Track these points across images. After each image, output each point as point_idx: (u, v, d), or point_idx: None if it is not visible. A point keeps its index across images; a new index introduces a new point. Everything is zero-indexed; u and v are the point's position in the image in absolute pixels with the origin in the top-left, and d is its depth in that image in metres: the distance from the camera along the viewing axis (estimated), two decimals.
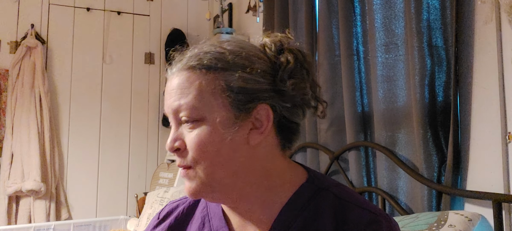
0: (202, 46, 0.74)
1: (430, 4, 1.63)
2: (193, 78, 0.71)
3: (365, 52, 1.94)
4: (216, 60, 0.71)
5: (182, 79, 0.72)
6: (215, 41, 0.75)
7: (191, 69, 0.71)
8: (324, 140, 2.12)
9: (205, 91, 0.70)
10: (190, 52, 0.74)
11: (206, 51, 0.72)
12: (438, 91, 1.62)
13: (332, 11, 2.09)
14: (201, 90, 0.70)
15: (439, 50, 1.62)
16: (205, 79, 0.70)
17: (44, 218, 3.10)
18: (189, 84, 0.71)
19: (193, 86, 0.71)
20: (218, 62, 0.71)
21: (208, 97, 0.70)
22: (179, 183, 2.96)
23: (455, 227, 1.32)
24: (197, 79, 0.71)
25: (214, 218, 0.79)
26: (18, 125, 3.14)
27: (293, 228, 0.71)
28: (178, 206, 0.86)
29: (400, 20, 1.76)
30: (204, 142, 0.70)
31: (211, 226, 0.78)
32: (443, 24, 1.62)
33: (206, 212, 0.80)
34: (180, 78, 0.72)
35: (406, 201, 1.72)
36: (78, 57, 3.46)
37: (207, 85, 0.70)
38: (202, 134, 0.70)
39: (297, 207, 0.73)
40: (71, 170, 3.38)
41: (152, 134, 3.65)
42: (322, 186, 0.75)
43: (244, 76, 0.70)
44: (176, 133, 0.72)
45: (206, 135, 0.70)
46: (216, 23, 3.34)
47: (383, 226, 0.68)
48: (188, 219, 0.82)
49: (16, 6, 3.31)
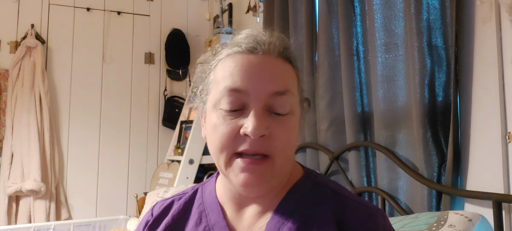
0: (281, 36, 0.74)
1: (430, 4, 1.63)
2: (290, 70, 0.72)
3: (365, 52, 1.94)
4: (297, 60, 0.74)
5: (283, 67, 0.71)
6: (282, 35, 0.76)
7: (287, 60, 0.72)
8: (324, 140, 2.12)
9: (296, 85, 0.73)
10: (276, 38, 0.72)
11: (290, 45, 0.74)
12: (438, 91, 1.62)
13: (332, 11, 2.09)
14: (295, 84, 0.73)
15: (439, 50, 1.62)
16: (295, 74, 0.73)
17: (44, 218, 3.10)
18: (289, 74, 0.72)
19: (291, 77, 0.72)
20: (298, 62, 0.75)
21: (297, 92, 0.73)
22: (179, 183, 2.96)
23: (455, 227, 1.32)
24: (292, 72, 0.73)
25: (211, 212, 0.78)
26: (18, 125, 3.14)
27: (294, 217, 0.72)
28: (173, 202, 0.83)
29: (400, 20, 1.76)
30: (293, 132, 0.71)
31: (208, 222, 0.77)
32: (443, 24, 1.62)
33: (202, 208, 0.79)
34: (280, 65, 0.71)
35: (406, 201, 1.72)
36: (78, 57, 3.46)
37: (296, 81, 0.73)
38: (292, 124, 0.70)
39: (297, 198, 0.74)
40: (71, 170, 3.38)
41: (152, 134, 3.66)
42: (318, 181, 0.77)
43: (302, 78, 0.76)
44: (264, 117, 0.67)
45: (294, 126, 0.71)
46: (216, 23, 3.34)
47: (379, 220, 0.71)
48: (186, 216, 0.80)
49: (16, 6, 3.31)
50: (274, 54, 0.70)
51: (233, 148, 0.68)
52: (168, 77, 3.71)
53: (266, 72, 0.68)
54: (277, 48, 0.71)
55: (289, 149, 0.71)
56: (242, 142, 0.67)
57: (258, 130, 0.65)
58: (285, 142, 0.69)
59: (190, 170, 3.02)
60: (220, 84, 0.70)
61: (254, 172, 0.67)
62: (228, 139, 0.68)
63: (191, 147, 3.03)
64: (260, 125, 0.66)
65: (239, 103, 0.68)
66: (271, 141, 0.67)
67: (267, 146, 0.67)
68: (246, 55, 0.69)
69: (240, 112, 0.68)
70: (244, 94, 0.67)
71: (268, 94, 0.67)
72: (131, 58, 3.64)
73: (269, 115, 0.68)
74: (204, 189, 0.83)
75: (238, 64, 0.69)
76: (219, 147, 0.69)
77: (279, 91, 0.68)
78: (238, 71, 0.68)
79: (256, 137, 0.66)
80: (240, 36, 0.72)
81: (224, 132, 0.68)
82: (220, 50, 0.74)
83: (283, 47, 0.71)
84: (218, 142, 0.69)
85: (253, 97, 0.67)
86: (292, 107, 0.70)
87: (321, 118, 2.12)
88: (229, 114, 0.68)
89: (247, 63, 0.68)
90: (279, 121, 0.68)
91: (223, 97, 0.68)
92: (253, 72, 0.68)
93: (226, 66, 0.70)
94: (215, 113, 0.70)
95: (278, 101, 0.68)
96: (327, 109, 2.08)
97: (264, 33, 0.72)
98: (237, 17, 3.28)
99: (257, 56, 0.69)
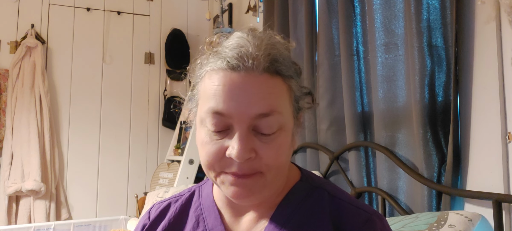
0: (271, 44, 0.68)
1: (430, 4, 1.63)
2: (278, 85, 0.67)
3: (365, 52, 1.94)
4: (288, 67, 0.69)
5: (268, 85, 0.66)
6: (278, 38, 0.71)
7: (275, 73, 0.67)
8: (324, 140, 2.12)
9: (287, 99, 0.69)
10: (263, 51, 0.66)
11: (280, 54, 0.68)
12: (438, 91, 1.62)
13: (332, 11, 2.09)
14: (285, 98, 0.68)
15: (439, 50, 1.62)
16: (285, 87, 0.69)
17: (44, 218, 3.10)
18: (277, 90, 0.67)
19: (280, 93, 0.67)
20: (289, 69, 0.69)
21: (287, 106, 0.69)
22: (179, 183, 2.96)
23: (455, 227, 1.32)
24: (282, 86, 0.68)
25: (209, 216, 0.77)
26: (18, 125, 3.14)
27: (291, 223, 0.72)
28: (169, 205, 0.82)
29: (400, 20, 1.76)
30: (283, 148, 0.68)
31: (206, 225, 0.76)
32: (443, 24, 1.62)
33: (200, 211, 0.79)
34: (264, 82, 0.66)
35: (406, 201, 1.72)
36: (78, 57, 3.46)
37: (287, 94, 0.69)
38: (281, 141, 0.68)
39: (294, 203, 0.74)
40: (71, 170, 3.38)
41: (152, 134, 3.66)
42: (315, 184, 0.77)
43: (299, 85, 0.72)
44: (249, 140, 0.65)
45: (284, 142, 0.68)
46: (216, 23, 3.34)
47: (377, 224, 0.71)
48: (183, 219, 0.79)
49: (16, 6, 3.31)
50: (259, 71, 0.65)
51: (221, 167, 0.68)
52: (168, 77, 3.71)
53: (248, 93, 0.65)
54: (262, 64, 0.65)
55: (280, 164, 0.69)
56: (229, 164, 0.66)
57: (242, 154, 0.64)
58: (274, 159, 0.67)
59: (190, 170, 3.02)
60: (205, 103, 0.68)
61: (244, 186, 0.67)
62: (214, 159, 0.67)
63: (191, 147, 3.03)
64: (245, 149, 0.64)
65: (223, 124, 0.66)
66: (260, 160, 0.66)
67: (256, 166, 0.66)
68: (229, 73, 0.66)
69: (226, 133, 0.67)
70: (228, 117, 0.66)
71: (251, 117, 0.65)
72: (131, 58, 3.64)
73: (255, 135, 0.66)
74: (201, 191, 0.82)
75: (221, 83, 0.66)
76: (207, 165, 0.69)
77: (263, 113, 0.65)
78: (221, 92, 0.66)
79: (241, 161, 0.65)
80: (229, 43, 0.68)
81: (211, 151, 0.67)
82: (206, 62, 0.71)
83: (269, 61, 0.66)
84: (205, 160, 0.69)
85: (237, 119, 0.65)
86: (280, 125, 0.67)
87: (321, 118, 2.12)
88: (215, 134, 0.67)
89: (230, 84, 0.65)
90: (266, 141, 0.66)
91: (208, 117, 0.67)
92: (235, 93, 0.65)
93: (211, 83, 0.68)
94: (202, 129, 0.69)
95: (263, 123, 0.65)
96: (327, 109, 2.08)
97: (253, 42, 0.67)
98: (237, 17, 3.28)
99: (240, 75, 0.65)
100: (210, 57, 0.70)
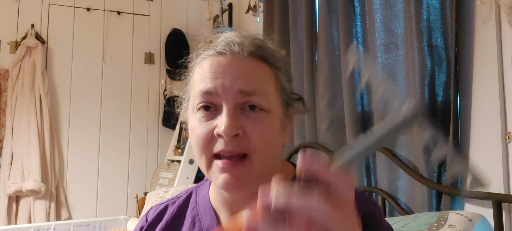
0: (258, 37, 0.73)
1: (430, 4, 1.63)
2: (263, 69, 0.71)
3: (365, 52, 1.94)
4: (276, 59, 0.73)
5: (253, 66, 0.70)
6: (265, 37, 0.76)
7: (260, 59, 0.71)
8: (324, 140, 2.12)
9: (273, 85, 0.72)
10: (249, 39, 0.72)
11: (267, 45, 0.72)
12: (438, 91, 1.62)
13: (332, 11, 2.09)
14: (270, 83, 0.71)
15: (439, 50, 1.62)
16: (271, 73, 0.72)
17: (44, 218, 3.10)
18: (261, 73, 0.70)
19: (265, 76, 0.71)
20: (278, 61, 0.73)
21: (273, 92, 0.72)
22: (179, 183, 2.96)
23: (455, 227, 1.32)
24: (267, 71, 0.71)
25: (204, 217, 0.78)
26: (18, 125, 3.14)
27: None
28: (167, 207, 0.83)
29: (400, 20, 1.76)
30: (270, 131, 0.70)
31: (201, 226, 0.77)
32: (443, 24, 1.62)
33: (196, 212, 0.79)
34: (249, 64, 0.70)
35: (406, 201, 1.72)
36: (78, 57, 3.46)
37: (273, 80, 0.72)
38: (269, 123, 0.69)
39: None
40: (71, 170, 3.38)
41: (152, 134, 3.66)
42: None
43: (288, 79, 0.75)
44: (237, 116, 0.67)
45: (272, 125, 0.70)
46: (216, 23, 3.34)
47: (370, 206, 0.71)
48: (180, 220, 0.80)
49: (16, 6, 3.32)
50: (244, 54, 0.70)
51: (211, 149, 0.68)
52: (168, 77, 3.71)
53: (234, 71, 0.69)
54: (247, 48, 0.70)
55: (268, 148, 0.70)
56: (218, 144, 0.68)
57: (229, 129, 0.66)
58: (261, 140, 0.68)
59: (190, 170, 3.02)
60: (195, 88, 0.71)
61: (232, 173, 0.68)
62: (204, 141, 0.68)
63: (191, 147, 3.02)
64: (232, 124, 0.66)
65: (212, 104, 0.69)
66: (247, 139, 0.67)
67: (243, 145, 0.67)
68: (216, 57, 0.70)
69: (215, 113, 0.69)
70: (215, 95, 0.68)
71: (235, 92, 0.67)
72: (131, 58, 3.64)
73: (243, 114, 0.68)
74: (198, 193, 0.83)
75: (208, 66, 0.70)
76: (198, 150, 0.70)
77: (247, 90, 0.68)
78: (208, 74, 0.69)
79: (228, 137, 0.66)
80: (219, 39, 0.73)
81: (201, 133, 0.69)
82: (195, 58, 0.75)
83: (255, 46, 0.71)
84: (196, 145, 0.70)
85: (223, 97, 0.68)
86: (266, 107, 0.69)
87: (321, 117, 2.12)
88: (204, 116, 0.69)
89: (216, 65, 0.70)
90: (252, 119, 0.68)
91: (198, 100, 0.70)
92: (221, 72, 0.69)
93: (200, 71, 0.71)
94: (194, 117, 0.71)
95: (248, 101, 0.68)
96: (327, 109, 2.08)
97: (239, 35, 0.72)
98: (237, 17, 3.28)
99: (226, 57, 0.70)
100: (201, 51, 0.74)
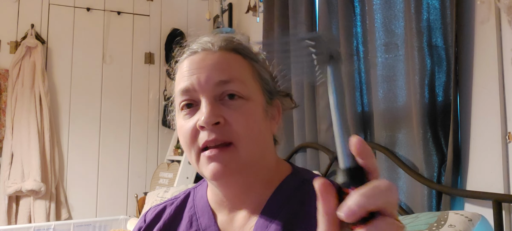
0: (230, 35, 0.76)
1: (430, 4, 1.63)
2: (237, 59, 0.73)
3: (365, 52, 1.94)
4: (249, 52, 0.75)
5: (225, 57, 0.72)
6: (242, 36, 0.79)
7: (232, 51, 0.74)
8: (324, 140, 2.12)
9: (249, 73, 0.74)
10: (222, 37, 0.75)
11: (240, 42, 0.75)
12: (438, 91, 1.62)
13: (332, 11, 2.09)
14: (246, 72, 0.73)
15: (439, 50, 1.62)
16: (246, 63, 0.74)
17: (44, 218, 3.10)
18: (235, 63, 0.73)
19: (239, 65, 0.73)
20: (251, 53, 0.76)
21: (251, 80, 0.73)
22: (179, 183, 2.96)
23: (455, 227, 1.32)
24: (241, 61, 0.74)
25: (202, 216, 0.78)
26: (18, 125, 3.14)
27: (280, 216, 0.72)
28: (165, 208, 0.84)
29: (400, 20, 1.76)
30: (252, 118, 0.70)
31: (199, 225, 0.77)
32: (443, 24, 1.62)
33: (193, 211, 0.80)
34: (221, 56, 0.72)
35: (406, 201, 1.72)
36: (78, 57, 3.46)
37: (249, 69, 0.74)
38: (249, 110, 0.70)
39: (283, 196, 0.74)
40: (71, 170, 3.38)
41: (152, 134, 3.66)
42: (306, 177, 0.77)
43: (267, 71, 0.77)
44: (215, 106, 0.69)
45: (253, 112, 0.71)
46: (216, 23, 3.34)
47: None
48: (177, 220, 0.81)
49: (16, 6, 3.31)
50: (215, 48, 0.73)
51: (197, 143, 0.70)
52: (168, 77, 3.71)
53: (207, 65, 0.71)
54: (217, 43, 0.73)
55: (252, 134, 0.70)
56: (203, 137, 0.69)
57: (209, 118, 0.67)
58: (243, 126, 0.69)
59: (190, 170, 3.02)
60: (176, 89, 0.74)
61: (219, 160, 0.68)
62: (189, 136, 0.70)
63: None
64: (211, 113, 0.68)
65: (193, 101, 0.71)
66: (229, 127, 0.68)
67: (226, 133, 0.68)
68: (191, 56, 0.74)
69: (197, 109, 0.71)
70: (193, 91, 0.71)
71: (212, 84, 0.70)
72: (131, 58, 3.64)
73: (222, 104, 0.70)
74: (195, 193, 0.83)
75: (185, 66, 0.73)
76: (186, 147, 0.72)
77: (223, 79, 0.70)
78: (185, 72, 0.73)
79: (209, 126, 0.68)
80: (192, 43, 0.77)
81: (185, 130, 0.71)
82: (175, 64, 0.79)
83: (225, 41, 0.74)
84: (184, 142, 0.72)
85: (200, 91, 0.70)
86: (244, 94, 0.70)
87: (321, 117, 2.12)
88: (187, 114, 0.71)
89: (191, 63, 0.73)
90: (232, 107, 0.69)
91: (179, 100, 0.72)
92: (196, 68, 0.72)
93: (180, 72, 0.75)
94: (179, 116, 0.74)
95: (226, 90, 0.70)
96: (327, 109, 2.08)
97: (212, 35, 0.76)
98: (237, 17, 3.28)
99: (199, 54, 0.73)
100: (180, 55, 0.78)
